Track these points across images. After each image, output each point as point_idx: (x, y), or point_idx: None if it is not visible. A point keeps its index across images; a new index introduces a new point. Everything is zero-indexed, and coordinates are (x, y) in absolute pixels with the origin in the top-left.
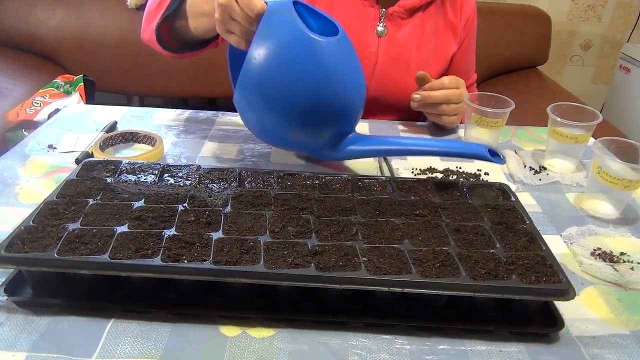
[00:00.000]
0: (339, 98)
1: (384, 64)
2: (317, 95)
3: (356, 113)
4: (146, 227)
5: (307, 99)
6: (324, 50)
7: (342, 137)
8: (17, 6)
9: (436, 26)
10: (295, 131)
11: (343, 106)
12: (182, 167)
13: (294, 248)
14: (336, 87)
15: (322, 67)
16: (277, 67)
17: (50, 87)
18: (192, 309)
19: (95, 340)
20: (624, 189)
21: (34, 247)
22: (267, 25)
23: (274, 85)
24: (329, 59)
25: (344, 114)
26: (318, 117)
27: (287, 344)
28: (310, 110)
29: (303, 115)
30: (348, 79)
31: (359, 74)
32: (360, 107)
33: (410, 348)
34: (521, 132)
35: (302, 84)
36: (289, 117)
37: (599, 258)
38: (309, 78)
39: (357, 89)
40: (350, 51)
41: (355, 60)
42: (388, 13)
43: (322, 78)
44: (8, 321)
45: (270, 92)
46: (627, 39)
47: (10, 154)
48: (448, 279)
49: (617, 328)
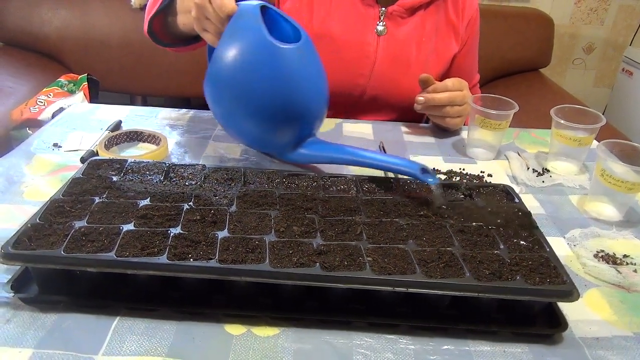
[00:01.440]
0: (296, 103)
1: (383, 63)
2: (274, 99)
3: (315, 118)
4: (152, 226)
5: (265, 101)
6: (283, 57)
7: (302, 140)
8: (21, 5)
9: (437, 26)
10: (254, 130)
11: (300, 111)
12: (187, 166)
13: (299, 247)
14: (293, 92)
15: (280, 72)
16: (238, 68)
17: (54, 86)
18: (198, 307)
19: (101, 337)
20: (627, 191)
21: (41, 245)
22: (234, 27)
23: (235, 85)
24: (288, 65)
25: (301, 119)
26: (275, 120)
27: (292, 343)
28: (267, 113)
29: (261, 116)
30: (306, 85)
31: (320, 81)
32: (320, 113)
33: (415, 348)
34: (524, 134)
35: (260, 86)
36: (248, 117)
37: (602, 260)
38: (267, 82)
39: (315, 96)
40: (311, 58)
41: (316, 67)
42: (388, 12)
43: (279, 83)
44: (14, 318)
45: (231, 91)
46: (630, 42)
47: (15, 152)
48: (452, 280)
49: (621, 330)
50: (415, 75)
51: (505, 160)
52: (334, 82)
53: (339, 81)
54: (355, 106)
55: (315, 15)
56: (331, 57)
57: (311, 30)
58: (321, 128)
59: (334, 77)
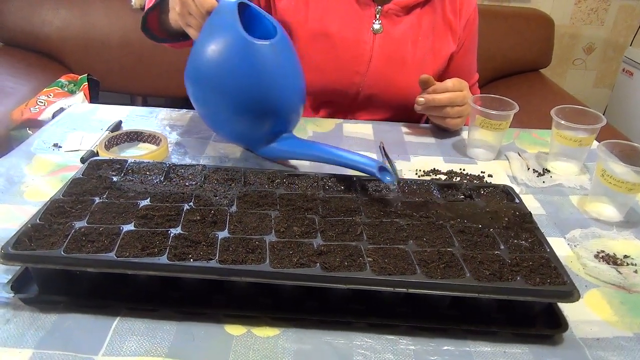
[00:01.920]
0: (269, 98)
1: (379, 61)
2: (246, 94)
3: (289, 115)
4: (152, 226)
5: (238, 96)
6: (256, 52)
7: (276, 136)
8: (21, 6)
9: (434, 24)
10: (228, 124)
11: (273, 106)
12: (188, 166)
13: (300, 248)
14: (266, 88)
15: (253, 67)
16: (213, 63)
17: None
18: (198, 308)
19: (101, 337)
20: (627, 192)
21: (41, 245)
22: (211, 23)
23: (210, 79)
24: (260, 61)
25: (275, 114)
26: (248, 115)
27: (292, 343)
28: (240, 107)
29: (234, 111)
30: (280, 81)
31: (294, 78)
32: (294, 110)
33: (415, 348)
34: (525, 135)
35: (233, 81)
36: (222, 111)
37: (602, 261)
38: (239, 77)
39: (289, 92)
40: (285, 55)
41: (291, 64)
42: (384, 10)
43: (252, 78)
44: (15, 318)
45: (207, 86)
46: (630, 42)
47: (16, 152)
48: (453, 280)
49: (621, 330)
50: (411, 74)
51: (506, 161)
52: (329, 80)
53: (334, 79)
54: (352, 104)
55: (312, 14)
56: (327, 55)
57: (307, 28)
58: (321, 128)
59: (329, 74)
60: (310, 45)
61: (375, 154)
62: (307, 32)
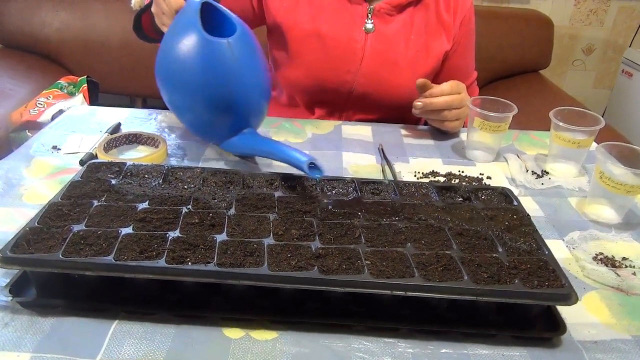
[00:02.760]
0: (225, 94)
1: (371, 60)
2: (203, 89)
3: (249, 111)
4: (150, 229)
5: (195, 91)
6: (212, 50)
7: (238, 131)
8: (21, 7)
9: (427, 23)
10: (191, 118)
11: (229, 102)
12: (186, 169)
13: (298, 251)
14: (222, 84)
15: (209, 64)
16: (174, 58)
17: (54, 88)
18: (196, 311)
19: (99, 341)
20: (626, 194)
21: (39, 248)
22: (176, 21)
23: (171, 73)
24: (216, 58)
25: (232, 110)
26: (206, 109)
27: (290, 346)
28: (198, 102)
29: (193, 105)
30: (237, 78)
31: (254, 76)
32: (254, 106)
33: (413, 351)
34: (523, 137)
35: (191, 77)
36: (184, 106)
37: (601, 263)
38: (197, 72)
39: (248, 89)
40: (245, 53)
41: (250, 62)
42: (375, 10)
43: (208, 74)
44: (13, 322)
45: (169, 81)
46: (630, 43)
47: (14, 155)
48: (451, 283)
49: (619, 333)
50: (404, 73)
51: (505, 163)
52: (321, 78)
53: (325, 77)
54: (345, 103)
55: (304, 14)
56: (319, 54)
57: (299, 28)
58: (321, 130)
59: (321, 73)
60: (302, 44)
61: (374, 156)
62: (299, 31)
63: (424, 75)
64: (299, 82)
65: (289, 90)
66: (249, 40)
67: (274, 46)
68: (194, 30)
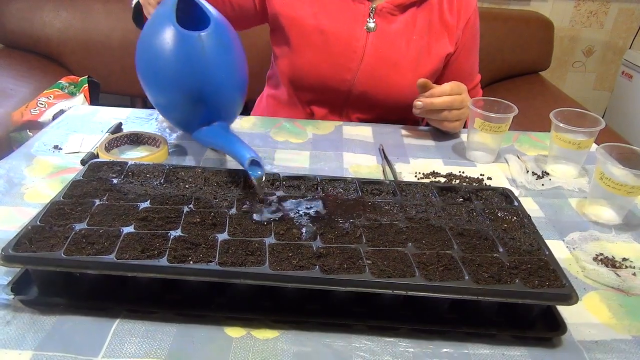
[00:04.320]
0: (193, 86)
1: (371, 58)
2: (172, 80)
3: (217, 104)
4: (152, 228)
5: (164, 80)
6: (183, 41)
7: (208, 123)
8: (22, 8)
9: (430, 24)
10: (162, 106)
11: (198, 94)
12: (188, 168)
13: (299, 250)
14: (190, 76)
15: (179, 55)
16: (148, 47)
17: (55, 88)
18: (198, 310)
19: (100, 340)
20: (626, 194)
21: (41, 247)
22: (155, 12)
23: (145, 62)
24: (186, 50)
25: (200, 102)
26: (175, 99)
27: (292, 345)
28: (167, 91)
29: (164, 94)
30: (208, 71)
31: (227, 70)
32: (225, 100)
33: (414, 351)
34: (524, 138)
35: (161, 67)
36: (156, 93)
37: (601, 263)
38: (168, 63)
39: (219, 83)
40: (215, 48)
41: (222, 57)
42: (377, 9)
43: (178, 66)
44: (15, 320)
45: (144, 67)
46: (629, 45)
47: (16, 154)
48: (452, 283)
49: (619, 333)
50: (404, 73)
51: (505, 163)
52: (321, 75)
53: (326, 75)
54: (345, 102)
55: (306, 10)
56: (319, 51)
57: (301, 24)
58: (321, 131)
59: (321, 70)
60: (303, 40)
61: (375, 156)
62: (301, 27)
63: (425, 76)
64: (299, 79)
65: (289, 88)
66: (223, 36)
67: (275, 43)
68: (167, 21)
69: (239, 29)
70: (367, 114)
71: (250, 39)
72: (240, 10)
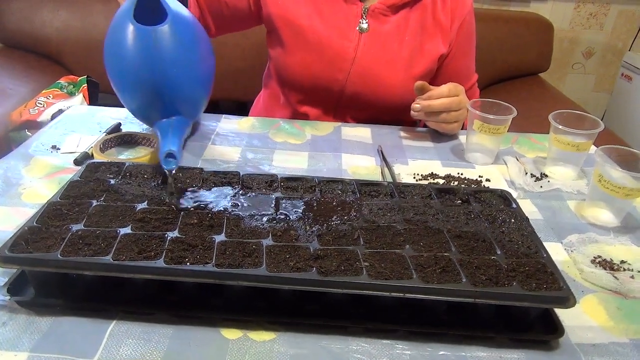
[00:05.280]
0: (145, 79)
1: (364, 59)
2: (126, 71)
3: (171, 100)
4: (149, 229)
5: (121, 72)
6: (136, 35)
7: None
8: (21, 7)
9: (423, 25)
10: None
11: (150, 87)
12: (185, 169)
13: (296, 252)
14: (142, 69)
15: (132, 49)
16: (109, 39)
17: (54, 88)
18: (194, 311)
19: (97, 341)
20: (624, 197)
21: (38, 248)
22: (121, 6)
23: (106, 53)
24: (139, 44)
25: (156, 96)
26: (130, 91)
27: (288, 347)
28: (123, 83)
29: (121, 85)
30: (160, 66)
31: (181, 66)
32: (179, 95)
33: (411, 353)
34: (523, 139)
35: (118, 58)
36: (115, 85)
37: (599, 266)
38: (123, 55)
39: (173, 77)
40: (170, 43)
41: (177, 52)
42: (370, 10)
43: (132, 58)
44: (10, 321)
45: (106, 58)
46: (629, 47)
47: (14, 154)
48: (449, 285)
49: (617, 336)
50: (397, 73)
51: (504, 165)
52: (313, 75)
53: (318, 75)
54: (337, 103)
55: (299, 10)
56: (311, 51)
57: (294, 24)
58: (320, 132)
59: (313, 70)
60: (296, 41)
61: (373, 158)
62: (294, 28)
63: (418, 77)
64: (292, 79)
65: (283, 88)
66: (181, 32)
67: (270, 44)
68: (125, 15)
69: (235, 29)
70: (360, 114)
71: (248, 40)
72: (235, 10)
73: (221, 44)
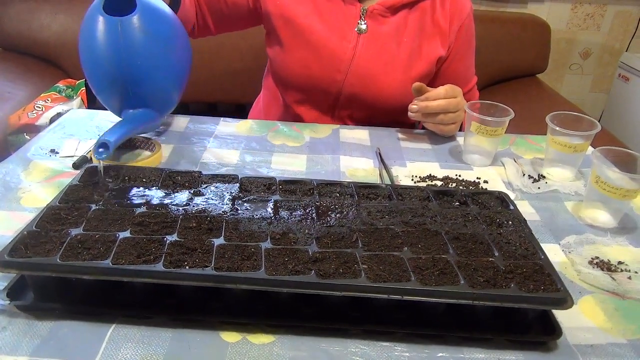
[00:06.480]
0: (110, 69)
1: (361, 60)
2: (93, 60)
3: (137, 91)
4: (148, 233)
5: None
6: (103, 25)
7: (131, 107)
8: (19, 10)
9: (422, 26)
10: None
11: (113, 78)
12: (184, 173)
13: (295, 255)
14: (108, 59)
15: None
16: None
17: (52, 91)
18: (193, 315)
19: (96, 345)
20: (622, 198)
21: (37, 252)
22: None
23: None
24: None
25: (121, 87)
26: (96, 79)
27: (287, 350)
28: (91, 70)
29: (90, 76)
30: (125, 56)
31: (147, 57)
32: (145, 88)
33: (409, 355)
34: (520, 141)
35: (87, 48)
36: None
37: (596, 267)
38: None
39: (138, 69)
40: (138, 35)
41: (145, 44)
42: (369, 11)
43: (99, 48)
44: (10, 325)
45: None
46: (626, 48)
47: (12, 158)
48: (447, 287)
49: (615, 337)
50: (395, 75)
51: (501, 167)
52: (311, 75)
53: (316, 75)
54: (336, 103)
55: (300, 10)
56: (309, 51)
57: (293, 23)
58: (318, 134)
59: (310, 70)
60: (294, 40)
61: (371, 160)
62: (292, 28)
63: (416, 78)
64: (290, 79)
65: (281, 89)
66: (150, 24)
67: (269, 44)
68: (96, 5)
69: (235, 29)
70: (358, 115)
71: (246, 42)
72: (235, 9)
73: (219, 45)
